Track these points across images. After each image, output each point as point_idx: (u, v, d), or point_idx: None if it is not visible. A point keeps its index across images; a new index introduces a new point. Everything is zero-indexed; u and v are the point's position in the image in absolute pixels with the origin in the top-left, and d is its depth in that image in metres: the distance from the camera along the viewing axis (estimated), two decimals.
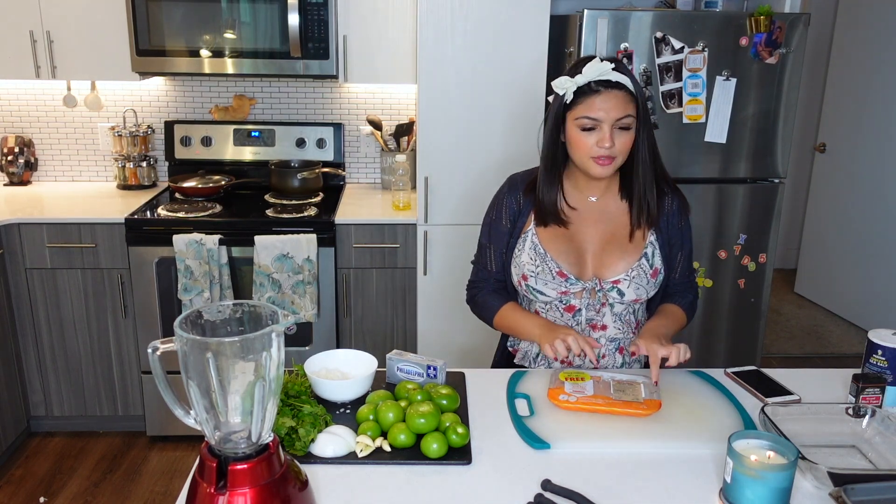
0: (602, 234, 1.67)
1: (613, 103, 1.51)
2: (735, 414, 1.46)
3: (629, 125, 1.54)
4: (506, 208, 1.71)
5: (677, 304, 1.74)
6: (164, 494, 2.73)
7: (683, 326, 1.74)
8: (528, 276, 1.66)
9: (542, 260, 1.65)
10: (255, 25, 2.82)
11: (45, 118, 3.31)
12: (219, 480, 1.02)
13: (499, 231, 1.72)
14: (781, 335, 4.25)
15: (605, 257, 1.65)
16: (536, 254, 1.65)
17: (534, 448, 1.35)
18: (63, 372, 2.97)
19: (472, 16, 2.67)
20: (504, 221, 1.71)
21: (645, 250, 1.66)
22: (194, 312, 1.06)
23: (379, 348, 2.97)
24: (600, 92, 1.51)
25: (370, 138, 3.38)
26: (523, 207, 1.69)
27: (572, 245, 1.66)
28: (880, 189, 4.17)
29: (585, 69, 1.52)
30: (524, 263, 1.66)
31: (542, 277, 1.64)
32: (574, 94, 1.54)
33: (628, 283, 1.63)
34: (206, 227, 2.81)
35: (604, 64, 1.51)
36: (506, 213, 1.71)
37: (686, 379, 1.61)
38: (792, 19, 2.68)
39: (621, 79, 1.52)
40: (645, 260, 1.65)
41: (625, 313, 1.69)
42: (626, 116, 1.52)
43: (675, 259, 1.72)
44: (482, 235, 1.77)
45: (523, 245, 1.68)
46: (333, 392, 1.48)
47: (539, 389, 1.55)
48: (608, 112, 1.51)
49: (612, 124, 1.52)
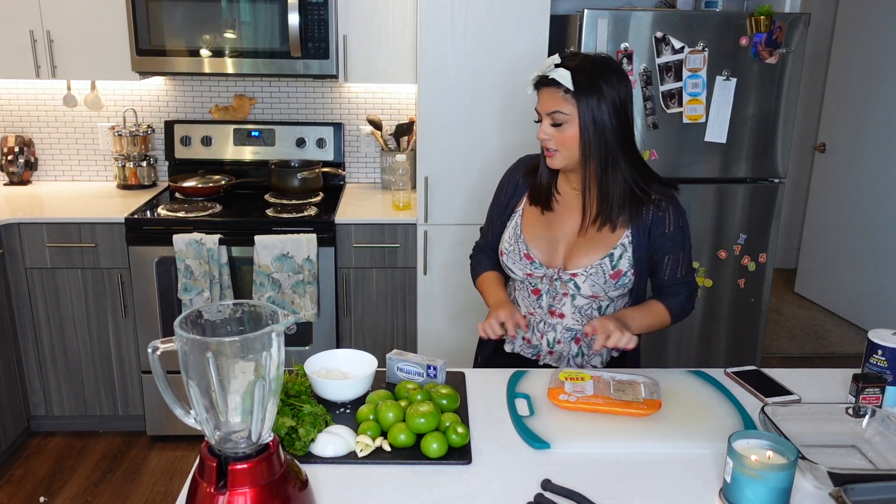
0: (576, 226, 1.71)
1: (546, 98, 1.59)
2: (735, 414, 1.46)
3: (559, 121, 1.58)
4: (507, 183, 1.83)
5: (663, 302, 1.74)
6: (164, 494, 2.73)
7: (666, 324, 1.73)
8: (503, 252, 1.77)
9: (516, 240, 1.74)
10: (256, 25, 2.82)
11: (45, 118, 3.31)
12: (219, 480, 1.02)
13: (498, 203, 1.84)
14: (781, 335, 4.25)
15: (576, 249, 1.69)
16: (514, 234, 1.75)
17: (534, 448, 1.35)
18: (63, 372, 2.97)
19: (473, 16, 2.67)
20: (503, 196, 1.83)
21: (612, 251, 1.66)
22: (194, 312, 1.06)
23: (379, 348, 2.97)
24: (541, 88, 1.61)
25: (370, 138, 3.38)
26: (519, 187, 1.79)
27: (549, 232, 1.72)
28: (880, 188, 4.17)
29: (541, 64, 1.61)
30: (504, 240, 1.78)
31: (512, 256, 1.75)
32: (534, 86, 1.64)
33: (585, 279, 1.67)
34: (206, 226, 2.81)
35: (551, 59, 1.59)
36: (506, 187, 1.82)
37: (686, 379, 1.62)
38: (792, 19, 2.68)
39: (558, 75, 1.55)
40: (608, 259, 1.66)
41: (586, 307, 1.71)
42: (555, 112, 1.58)
43: (661, 263, 1.71)
44: (490, 206, 1.89)
45: (510, 223, 1.78)
46: (333, 392, 1.48)
47: (539, 389, 1.55)
48: (543, 105, 1.61)
49: (545, 117, 1.61)
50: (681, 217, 1.69)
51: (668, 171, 2.76)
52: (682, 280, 1.73)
